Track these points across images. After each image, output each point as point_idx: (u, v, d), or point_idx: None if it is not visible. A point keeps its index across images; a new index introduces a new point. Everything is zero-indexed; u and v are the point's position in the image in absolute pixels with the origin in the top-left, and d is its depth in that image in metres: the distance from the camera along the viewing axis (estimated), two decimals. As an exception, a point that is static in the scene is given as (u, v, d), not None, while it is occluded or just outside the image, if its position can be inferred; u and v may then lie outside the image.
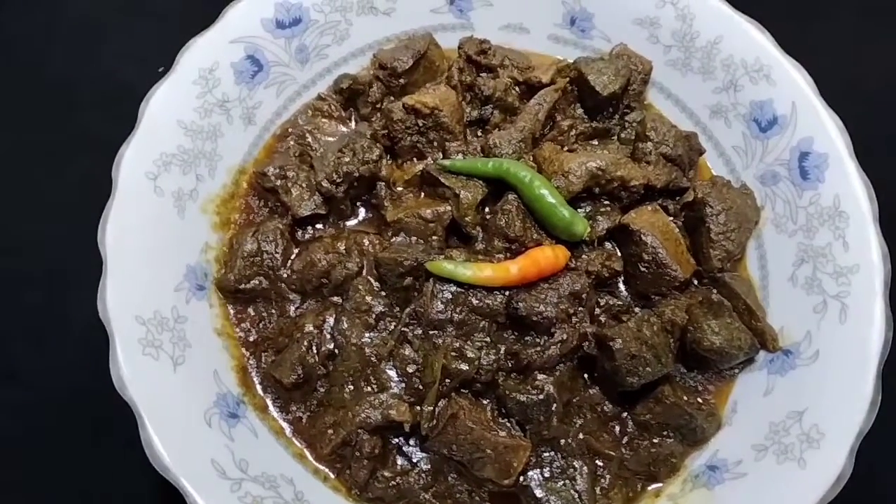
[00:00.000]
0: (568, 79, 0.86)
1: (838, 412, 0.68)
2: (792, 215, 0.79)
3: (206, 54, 0.79)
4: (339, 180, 0.79)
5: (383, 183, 0.81)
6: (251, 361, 0.76)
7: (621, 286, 0.80)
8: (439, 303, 0.73)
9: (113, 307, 0.67)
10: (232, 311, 0.77)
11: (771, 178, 0.81)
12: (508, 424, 0.72)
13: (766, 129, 0.82)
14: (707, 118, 0.86)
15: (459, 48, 0.87)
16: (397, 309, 0.76)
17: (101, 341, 0.66)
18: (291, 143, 0.84)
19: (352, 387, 0.73)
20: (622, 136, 0.86)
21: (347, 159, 0.79)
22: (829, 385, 0.70)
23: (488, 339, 0.73)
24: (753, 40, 0.82)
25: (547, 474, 0.71)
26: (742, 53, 0.83)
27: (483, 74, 0.87)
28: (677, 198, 0.83)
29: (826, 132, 0.78)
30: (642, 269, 0.77)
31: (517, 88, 0.86)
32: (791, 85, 0.80)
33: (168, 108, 0.77)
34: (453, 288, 0.73)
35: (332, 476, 0.71)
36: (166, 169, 0.75)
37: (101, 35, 1.03)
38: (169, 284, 0.73)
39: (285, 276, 0.78)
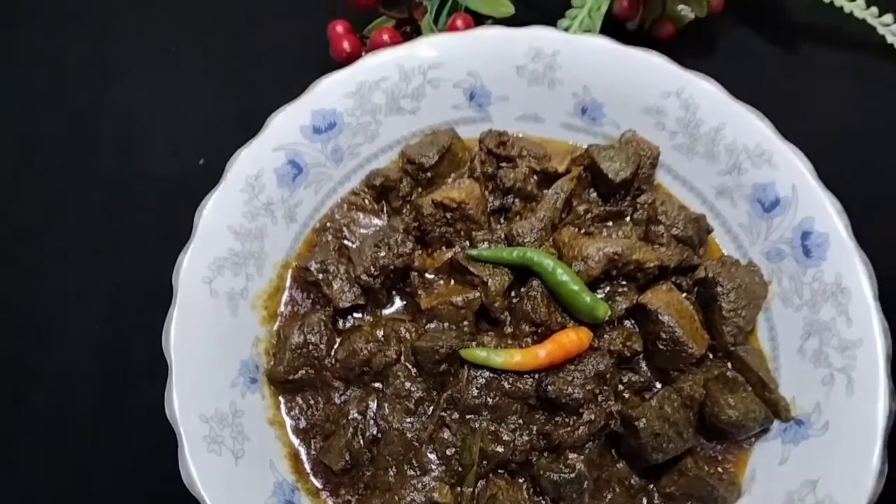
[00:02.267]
0: (581, 167, 0.92)
1: (849, 482, 0.73)
2: (798, 290, 0.85)
3: (251, 163, 0.87)
4: (376, 273, 0.86)
5: (416, 273, 0.88)
6: (301, 448, 0.82)
7: (642, 363, 0.86)
8: (474, 388, 0.80)
9: (179, 409, 0.73)
10: (282, 401, 0.83)
11: (776, 255, 0.87)
12: (543, 502, 0.78)
13: (769, 209, 0.88)
14: (714, 198, 0.92)
15: (480, 142, 0.95)
16: (435, 393, 0.82)
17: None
18: (330, 237, 0.91)
19: (395, 470, 0.79)
20: (635, 216, 0.93)
21: (383, 253, 0.86)
22: (840, 456, 0.75)
23: (521, 422, 0.80)
24: (754, 127, 0.89)
25: (581, 547, 0.77)
26: (744, 139, 0.89)
27: (503, 165, 0.93)
28: (689, 274, 0.89)
29: (826, 213, 0.84)
30: (661, 346, 0.83)
31: (535, 177, 0.93)
32: (791, 169, 0.87)
33: (219, 215, 0.84)
34: (487, 374, 0.80)
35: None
36: (219, 272, 0.82)
37: (145, 128, 1.11)
38: (226, 381, 0.79)
39: (329, 365, 0.84)
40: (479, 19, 1.03)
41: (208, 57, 1.16)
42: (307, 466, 0.81)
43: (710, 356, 0.86)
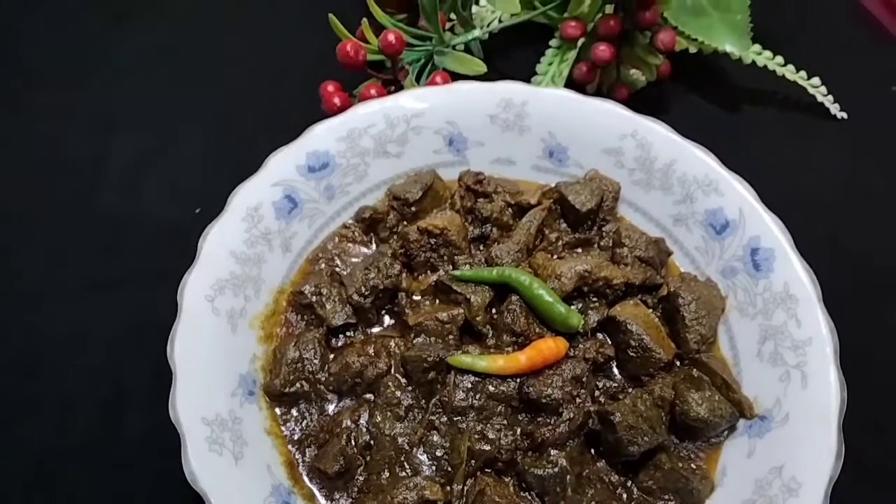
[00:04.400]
0: (552, 200, 1.02)
1: (811, 464, 0.79)
2: (752, 301, 0.93)
3: (252, 195, 0.95)
4: (366, 293, 0.92)
5: (403, 293, 0.95)
6: (297, 457, 0.85)
7: (615, 370, 0.92)
8: (461, 392, 0.85)
9: (182, 410, 0.78)
10: (278, 412, 0.88)
11: (730, 271, 0.96)
12: (529, 497, 0.82)
13: (720, 231, 0.98)
14: (671, 225, 1.02)
15: (459, 180, 1.04)
16: (423, 401, 0.87)
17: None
18: (323, 265, 0.98)
19: (388, 473, 0.83)
20: (601, 244, 1.02)
21: (373, 275, 0.93)
22: (801, 442, 0.81)
23: (505, 422, 0.85)
24: (702, 160, 1.00)
25: (567, 541, 0.80)
26: (693, 171, 1.00)
27: (480, 200, 1.03)
28: (653, 293, 0.98)
29: (770, 231, 0.94)
30: (631, 353, 0.90)
31: (510, 210, 1.02)
32: (736, 195, 0.97)
33: (222, 241, 0.91)
34: (472, 378, 0.86)
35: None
36: (221, 292, 0.89)
37: (146, 178, 1.19)
38: (226, 391, 0.84)
39: (323, 378, 0.89)
40: (455, 77, 1.15)
41: (209, 114, 1.26)
42: (302, 472, 0.84)
43: (678, 364, 0.93)
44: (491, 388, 0.85)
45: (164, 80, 1.31)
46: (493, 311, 0.93)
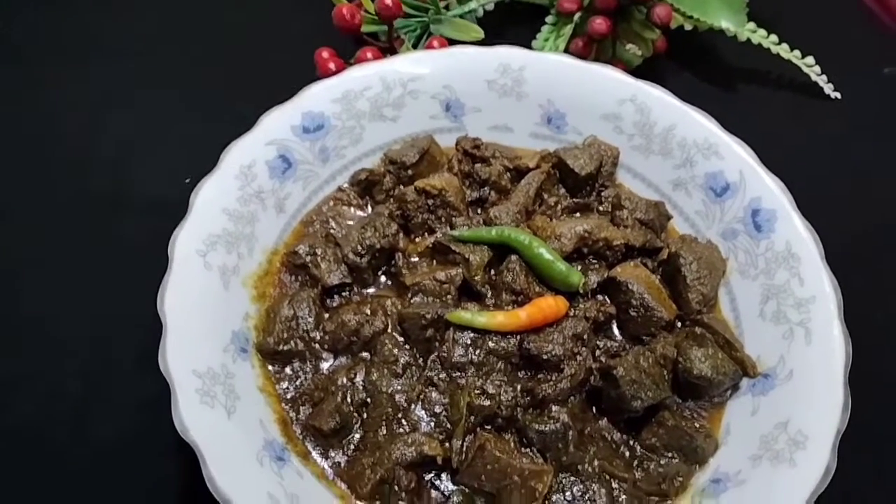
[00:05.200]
0: (550, 164, 1.01)
1: (818, 417, 0.77)
2: (753, 262, 0.92)
3: (245, 153, 0.93)
4: (362, 252, 0.90)
5: (400, 254, 0.93)
6: (291, 415, 0.83)
7: (616, 332, 0.91)
8: (460, 347, 0.83)
9: (173, 362, 0.75)
10: (271, 370, 0.85)
11: (731, 234, 0.95)
12: (530, 453, 0.80)
13: (720, 194, 0.97)
14: (670, 190, 1.01)
15: (457, 144, 1.03)
16: (421, 359, 0.85)
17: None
18: (318, 226, 0.96)
19: (385, 430, 0.81)
20: (600, 209, 1.00)
21: (369, 234, 0.91)
22: (806, 396, 0.80)
23: (505, 379, 0.83)
24: (701, 124, 0.99)
25: (569, 498, 0.78)
26: (693, 135, 0.99)
27: (478, 164, 1.01)
28: (653, 256, 0.96)
29: (771, 191, 0.93)
30: (632, 313, 0.88)
31: (508, 174, 1.01)
32: (736, 157, 0.96)
33: (214, 197, 0.88)
34: (471, 334, 0.84)
35: (375, 516, 0.77)
36: (213, 248, 0.86)
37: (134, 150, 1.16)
38: (218, 346, 0.81)
39: (318, 337, 0.87)
40: (453, 44, 1.14)
41: (200, 82, 1.23)
42: (296, 430, 0.81)
43: (679, 325, 0.91)
44: (491, 344, 0.83)
45: (157, 55, 1.28)
46: (493, 272, 0.92)
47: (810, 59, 1.27)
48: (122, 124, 1.17)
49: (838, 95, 1.27)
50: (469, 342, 0.83)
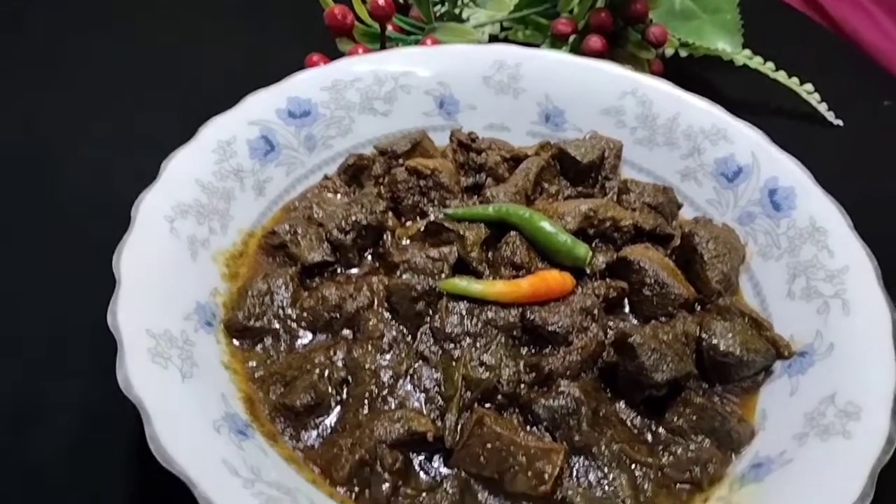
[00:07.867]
0: (550, 154, 0.95)
1: (869, 385, 0.67)
2: (775, 242, 0.84)
3: (224, 129, 0.87)
4: (347, 229, 0.82)
5: (389, 234, 0.85)
6: (259, 395, 0.71)
7: (629, 314, 0.81)
8: (455, 317, 0.73)
9: (123, 318, 0.65)
10: (239, 347, 0.75)
11: (748, 217, 0.88)
12: (537, 432, 0.68)
13: (732, 179, 0.91)
14: (679, 182, 0.95)
15: (451, 136, 0.98)
16: (409, 337, 0.75)
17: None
18: (301, 211, 0.89)
19: (367, 409, 0.69)
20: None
21: (356, 209, 0.84)
22: (852, 367, 0.69)
23: (506, 353, 0.72)
24: (707, 111, 0.95)
25: (585, 485, 0.65)
26: (699, 123, 0.94)
27: (473, 154, 0.96)
28: (665, 245, 0.88)
29: (788, 169, 0.87)
30: (646, 292, 0.79)
31: (506, 164, 0.95)
32: (746, 139, 0.91)
33: (187, 167, 0.82)
34: (467, 304, 0.74)
35: (350, 500, 0.64)
36: (183, 216, 0.78)
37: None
38: (179, 312, 0.71)
39: (294, 315, 0.77)
40: (446, 48, 1.11)
41: (187, 89, 1.20)
42: (265, 411, 0.70)
43: (699, 308, 0.82)
44: (489, 314, 0.73)
45: (141, 54, 1.26)
46: (490, 252, 0.83)
47: (809, 86, 1.25)
48: (100, 129, 1.12)
49: (840, 122, 1.24)
50: (464, 311, 0.73)
